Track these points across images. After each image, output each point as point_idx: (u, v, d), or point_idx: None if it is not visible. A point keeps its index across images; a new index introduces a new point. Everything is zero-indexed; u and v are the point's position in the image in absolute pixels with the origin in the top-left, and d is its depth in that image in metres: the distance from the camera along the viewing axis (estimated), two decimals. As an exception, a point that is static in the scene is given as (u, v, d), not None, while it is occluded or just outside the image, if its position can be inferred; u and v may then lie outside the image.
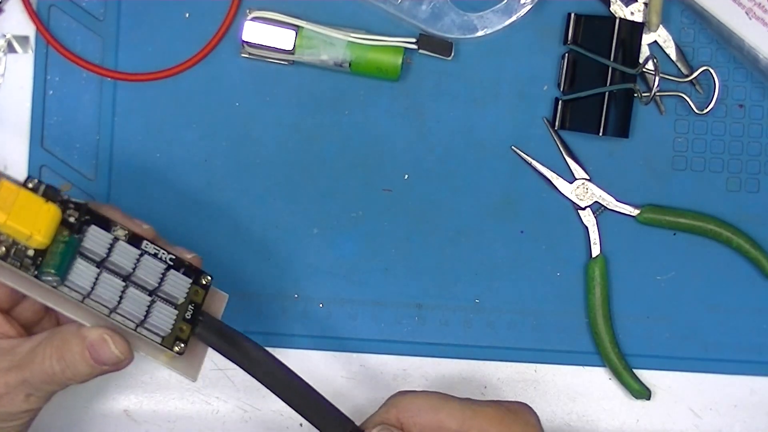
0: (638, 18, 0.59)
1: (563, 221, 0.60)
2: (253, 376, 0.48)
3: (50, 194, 0.45)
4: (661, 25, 0.59)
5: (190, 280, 0.48)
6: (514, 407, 0.49)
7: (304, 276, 0.60)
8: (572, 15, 0.59)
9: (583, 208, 0.60)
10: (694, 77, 0.59)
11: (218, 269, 0.50)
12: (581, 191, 0.59)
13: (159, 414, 0.61)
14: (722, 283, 0.60)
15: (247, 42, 0.58)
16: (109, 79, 0.60)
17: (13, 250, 0.44)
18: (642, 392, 0.59)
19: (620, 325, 0.60)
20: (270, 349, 0.61)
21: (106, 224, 0.46)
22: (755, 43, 0.57)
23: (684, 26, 0.59)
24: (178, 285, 0.47)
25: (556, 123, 0.59)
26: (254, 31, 0.58)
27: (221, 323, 0.49)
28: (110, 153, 0.60)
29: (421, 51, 0.59)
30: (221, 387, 0.61)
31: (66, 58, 0.59)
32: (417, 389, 0.50)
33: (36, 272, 0.44)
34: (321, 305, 0.60)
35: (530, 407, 0.49)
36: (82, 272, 0.45)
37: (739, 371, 0.60)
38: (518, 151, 0.60)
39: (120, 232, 0.46)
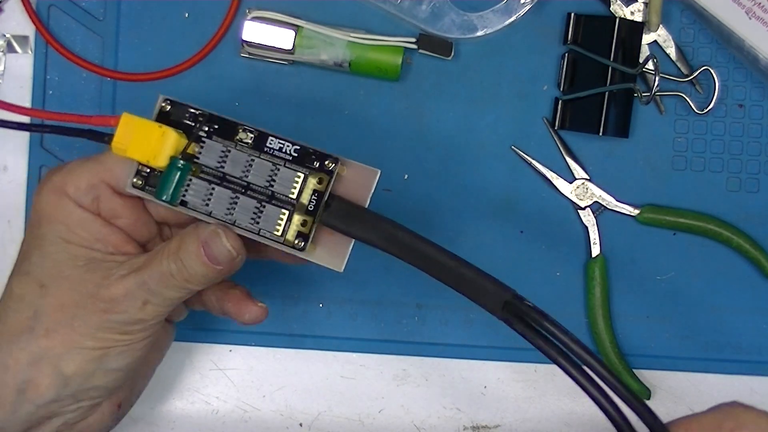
0: (638, 18, 0.58)
1: (563, 221, 0.60)
2: (391, 254, 0.46)
3: (176, 114, 0.47)
4: (661, 25, 0.59)
5: (303, 173, 0.46)
6: None
7: (303, 276, 0.60)
8: (572, 15, 0.59)
9: (583, 208, 0.60)
10: (694, 77, 0.59)
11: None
12: (581, 191, 0.59)
13: (159, 414, 0.61)
14: (722, 283, 0.60)
15: (246, 42, 0.58)
16: (108, 79, 0.60)
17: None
18: (642, 392, 0.59)
19: (620, 325, 0.60)
20: (270, 350, 0.61)
21: (232, 129, 0.47)
22: (755, 43, 0.57)
23: (684, 26, 0.59)
24: (287, 182, 0.46)
25: (556, 123, 0.59)
26: (254, 31, 0.58)
27: (350, 205, 0.46)
28: (110, 153, 0.60)
29: (421, 51, 0.59)
30: (221, 387, 0.61)
31: (66, 58, 0.59)
32: (754, 405, 0.46)
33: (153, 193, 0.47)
34: (321, 305, 0.60)
35: None
36: (195, 191, 0.47)
37: (739, 371, 0.60)
38: (518, 151, 0.60)
39: (243, 135, 0.47)
